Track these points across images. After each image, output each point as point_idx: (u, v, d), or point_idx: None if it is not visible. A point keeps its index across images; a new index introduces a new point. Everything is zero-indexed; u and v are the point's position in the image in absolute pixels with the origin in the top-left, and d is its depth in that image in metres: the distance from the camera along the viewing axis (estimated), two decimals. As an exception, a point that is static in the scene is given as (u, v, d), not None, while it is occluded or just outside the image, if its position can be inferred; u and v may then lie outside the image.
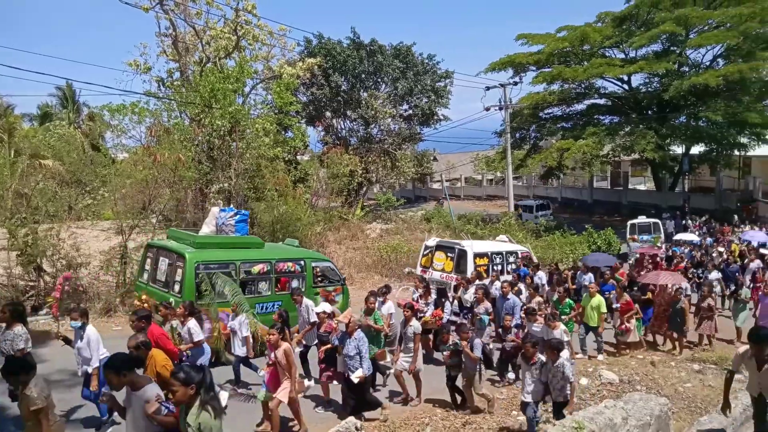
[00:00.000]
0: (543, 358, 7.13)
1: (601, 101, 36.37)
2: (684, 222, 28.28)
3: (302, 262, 11.72)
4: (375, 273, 19.86)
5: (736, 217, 29.44)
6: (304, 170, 25.89)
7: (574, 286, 14.68)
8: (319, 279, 12.23)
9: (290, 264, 11.48)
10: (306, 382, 8.25)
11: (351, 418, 6.47)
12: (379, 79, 34.79)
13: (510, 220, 26.94)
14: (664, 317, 12.21)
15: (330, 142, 33.42)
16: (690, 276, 15.34)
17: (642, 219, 25.86)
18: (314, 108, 34.47)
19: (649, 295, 12.66)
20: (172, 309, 8.44)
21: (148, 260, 11.19)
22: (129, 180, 15.67)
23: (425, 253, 16.71)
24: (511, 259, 16.65)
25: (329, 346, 8.29)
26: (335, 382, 8.38)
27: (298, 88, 30.74)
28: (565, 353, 7.09)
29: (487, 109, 29.79)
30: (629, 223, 25.60)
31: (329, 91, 33.18)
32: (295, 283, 11.26)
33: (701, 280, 15.47)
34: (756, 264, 16.76)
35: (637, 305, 11.88)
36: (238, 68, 17.60)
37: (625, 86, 34.83)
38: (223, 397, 6.77)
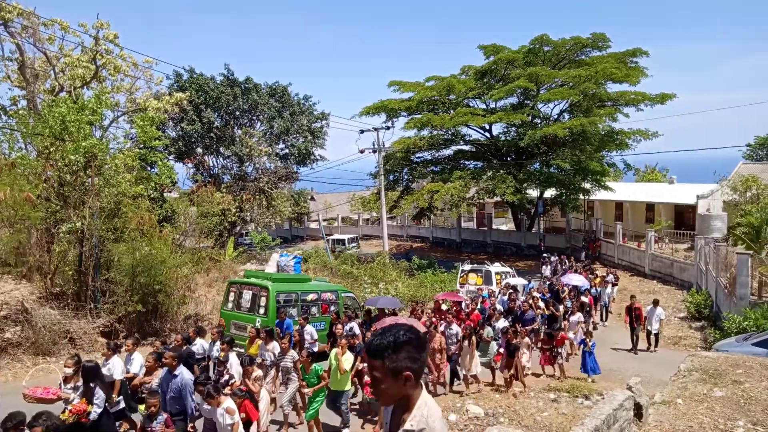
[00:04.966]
0: None
1: (467, 147, 38.96)
2: (554, 266, 26.64)
3: (336, 293, 15.85)
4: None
5: (583, 254, 32.67)
6: (171, 208, 24.47)
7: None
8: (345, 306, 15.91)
9: (329, 294, 15.55)
10: None
11: None
12: (255, 117, 34.34)
13: (384, 260, 27.46)
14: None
15: (201, 180, 32.07)
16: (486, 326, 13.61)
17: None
18: (184, 144, 33.01)
19: None
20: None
21: (232, 294, 14.54)
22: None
23: (461, 275, 22.53)
24: (507, 277, 22.25)
25: None
26: None
27: (165, 123, 29.31)
28: None
29: (362, 152, 30.57)
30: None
31: (201, 127, 32.02)
32: (332, 308, 15.27)
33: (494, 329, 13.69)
34: (577, 317, 15.34)
35: None
36: (96, 99, 16.31)
37: (487, 134, 37.73)
38: None
